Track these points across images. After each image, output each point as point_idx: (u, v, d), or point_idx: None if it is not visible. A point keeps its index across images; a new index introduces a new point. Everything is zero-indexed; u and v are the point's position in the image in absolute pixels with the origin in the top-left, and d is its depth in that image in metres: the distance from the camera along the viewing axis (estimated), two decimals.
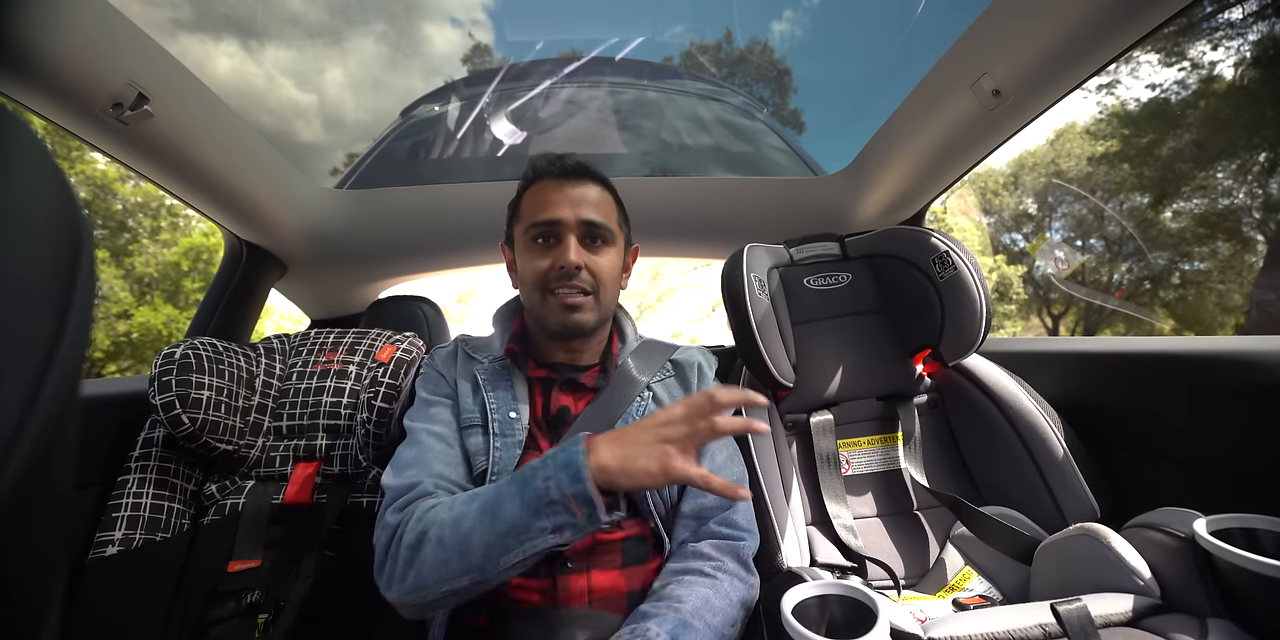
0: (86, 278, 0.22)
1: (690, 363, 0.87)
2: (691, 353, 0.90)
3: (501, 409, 0.75)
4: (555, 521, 0.54)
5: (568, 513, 0.54)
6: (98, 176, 9.65)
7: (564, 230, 0.75)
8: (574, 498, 0.54)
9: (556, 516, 0.54)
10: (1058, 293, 13.16)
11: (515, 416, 0.75)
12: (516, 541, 0.55)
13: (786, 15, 33.96)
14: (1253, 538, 0.55)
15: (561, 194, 0.76)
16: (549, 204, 0.76)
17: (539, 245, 0.76)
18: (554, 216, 0.75)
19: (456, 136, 1.99)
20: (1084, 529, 0.65)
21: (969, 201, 14.13)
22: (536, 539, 0.55)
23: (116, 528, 0.81)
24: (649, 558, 0.72)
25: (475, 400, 0.77)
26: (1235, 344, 0.74)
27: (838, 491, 0.92)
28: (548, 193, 0.76)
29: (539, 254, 0.76)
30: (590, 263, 0.76)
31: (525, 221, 0.77)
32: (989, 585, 0.80)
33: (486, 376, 0.79)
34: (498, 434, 0.73)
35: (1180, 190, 10.96)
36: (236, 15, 22.52)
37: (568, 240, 0.75)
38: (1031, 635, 0.53)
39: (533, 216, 0.76)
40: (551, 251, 0.76)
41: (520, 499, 0.56)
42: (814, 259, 1.10)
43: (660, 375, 0.85)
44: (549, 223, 0.75)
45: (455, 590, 0.57)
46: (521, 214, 0.79)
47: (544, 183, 0.78)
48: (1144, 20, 0.75)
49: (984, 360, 0.98)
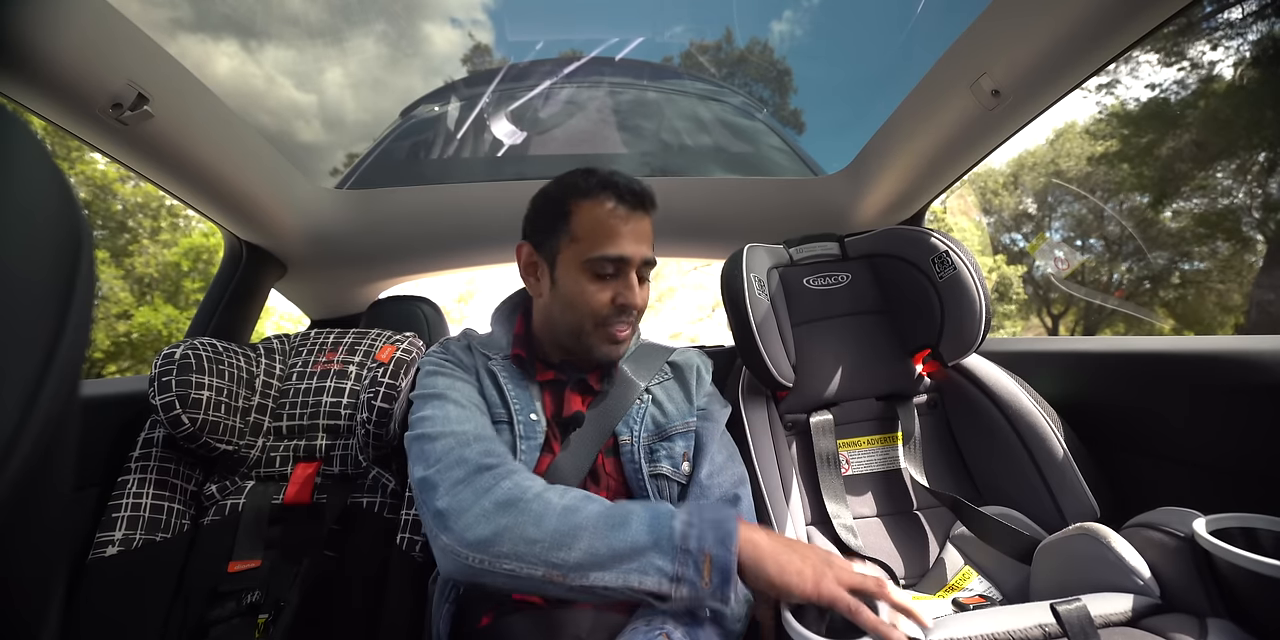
0: (86, 278, 0.22)
1: (689, 365, 0.88)
2: (689, 355, 0.90)
3: (524, 410, 0.75)
4: (678, 571, 0.50)
5: (697, 572, 0.50)
6: (98, 176, 9.64)
7: (629, 267, 0.73)
8: (712, 560, 0.50)
9: (683, 568, 0.50)
10: (1057, 293, 13.16)
11: (536, 418, 0.75)
12: (622, 565, 0.51)
13: (786, 15, 34.04)
14: (1252, 537, 0.55)
15: (630, 227, 0.72)
16: (619, 237, 0.71)
17: (599, 275, 0.73)
18: (625, 253, 0.71)
19: (456, 137, 1.99)
20: (1084, 529, 0.65)
21: (969, 201, 14.13)
22: (647, 576, 0.50)
23: (116, 528, 0.81)
24: None
25: (499, 397, 0.76)
26: (1235, 344, 0.74)
27: (837, 491, 0.92)
28: (616, 222, 0.72)
29: (599, 286, 0.73)
30: (641, 301, 0.76)
31: (586, 247, 0.72)
32: (989, 585, 0.80)
33: (505, 374, 0.78)
34: (523, 436, 0.73)
35: (1180, 190, 10.96)
36: (236, 15, 22.55)
37: (631, 278, 0.73)
38: (1031, 635, 0.53)
39: (598, 246, 0.71)
40: (611, 285, 0.73)
41: (649, 528, 0.53)
42: (814, 259, 1.10)
43: (659, 377, 0.85)
44: (619, 260, 0.72)
45: (517, 575, 0.52)
46: (578, 234, 0.72)
47: (611, 207, 0.72)
48: (1144, 20, 0.75)
49: (984, 360, 0.98)
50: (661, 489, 0.76)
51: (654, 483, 0.75)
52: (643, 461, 0.76)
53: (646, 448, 0.77)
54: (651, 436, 0.78)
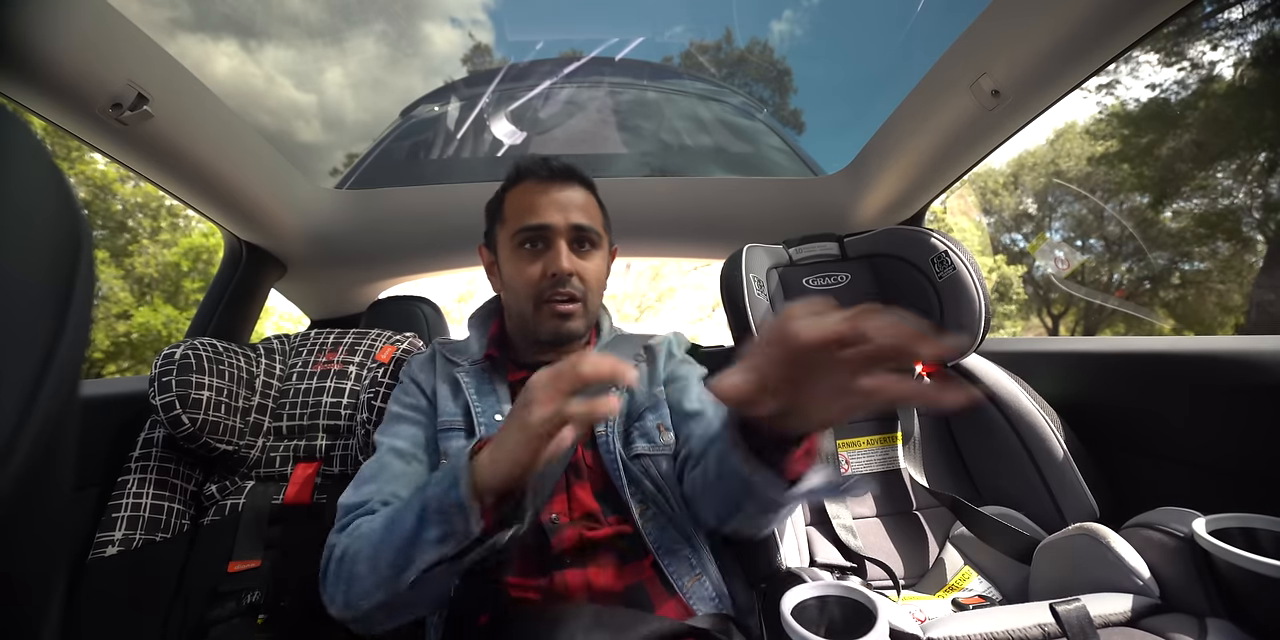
0: (86, 278, 0.22)
1: (660, 346, 0.86)
2: (662, 337, 0.89)
3: (488, 412, 0.74)
4: (440, 531, 0.51)
5: (448, 522, 0.50)
6: (97, 177, 9.65)
7: (554, 235, 0.73)
8: (454, 505, 0.50)
9: (441, 526, 0.51)
10: (1058, 293, 13.16)
11: (500, 419, 0.73)
12: (409, 556, 0.52)
13: (786, 15, 34.04)
14: (1252, 537, 0.55)
15: (549, 197, 0.74)
16: (537, 207, 0.74)
17: (527, 251, 0.74)
18: (544, 221, 0.73)
19: (456, 137, 1.99)
20: (1083, 529, 0.65)
21: (969, 201, 14.13)
22: (427, 552, 0.51)
23: (116, 528, 0.81)
24: (643, 554, 0.71)
25: (457, 403, 0.76)
26: (1235, 344, 0.74)
27: None
28: (534, 195, 0.75)
29: (528, 260, 0.74)
30: (580, 268, 0.75)
31: (511, 225, 0.75)
32: (988, 585, 0.80)
33: (469, 378, 0.78)
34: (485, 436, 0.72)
35: (1180, 190, 10.96)
36: (236, 15, 22.54)
37: (559, 246, 0.73)
38: (1031, 635, 0.53)
39: (520, 220, 0.74)
40: (541, 257, 0.74)
41: (413, 511, 0.53)
42: (813, 259, 1.10)
43: (635, 361, 0.83)
44: (539, 228, 0.73)
45: (381, 605, 0.55)
46: (506, 217, 0.76)
47: (529, 185, 0.76)
48: (1144, 20, 0.75)
49: (983, 360, 0.98)
50: (647, 468, 0.74)
51: (636, 464, 0.74)
52: (619, 449, 0.74)
53: (621, 434, 0.76)
54: (625, 420, 0.78)
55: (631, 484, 0.72)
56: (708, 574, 0.71)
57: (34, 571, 0.21)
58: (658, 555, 0.70)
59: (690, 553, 0.72)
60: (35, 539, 0.20)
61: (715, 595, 0.70)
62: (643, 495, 0.72)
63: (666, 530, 0.72)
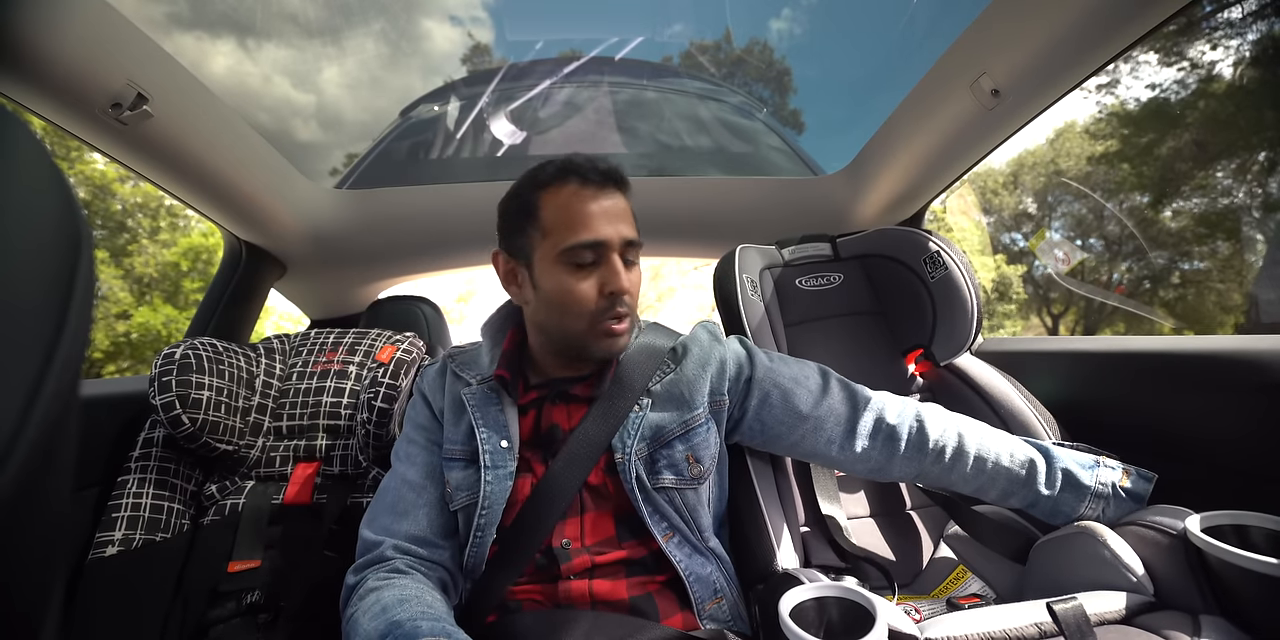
0: (86, 278, 0.22)
1: (694, 344, 0.78)
2: (696, 333, 0.81)
3: (492, 440, 0.70)
4: None
5: None
6: (97, 176, 9.63)
7: (608, 251, 0.67)
8: None
9: None
10: (1057, 292, 13.16)
11: (506, 445, 0.70)
12: None
13: (785, 15, 33.98)
14: (1244, 534, 0.55)
15: (600, 206, 0.67)
16: (590, 220, 0.66)
17: (576, 266, 0.67)
18: (600, 237, 0.65)
19: (456, 136, 1.99)
20: (1078, 527, 0.65)
21: (969, 201, 14.10)
22: None
23: (116, 528, 0.81)
24: (653, 572, 0.70)
25: (460, 428, 0.72)
26: (1235, 344, 0.74)
27: (831, 492, 0.92)
28: (583, 203, 0.66)
29: (579, 277, 0.66)
30: (631, 285, 0.69)
31: (557, 238, 0.66)
32: (983, 584, 0.80)
33: (475, 401, 0.73)
34: (489, 466, 0.69)
35: (1180, 190, 10.96)
36: (234, 12, 22.43)
37: (613, 262, 0.67)
38: (1027, 634, 0.53)
39: (572, 234, 0.65)
40: (593, 274, 0.67)
41: None
42: (806, 260, 1.11)
43: (660, 374, 0.76)
44: (595, 245, 0.65)
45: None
46: (548, 227, 0.67)
47: (575, 189, 0.67)
48: (1144, 20, 0.75)
49: (976, 360, 0.98)
50: (672, 499, 0.70)
51: (661, 495, 0.70)
52: (643, 476, 0.70)
53: (645, 461, 0.71)
54: (649, 445, 0.71)
55: (655, 513, 0.69)
56: (728, 597, 0.71)
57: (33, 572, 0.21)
58: (687, 580, 0.69)
59: (718, 577, 0.71)
60: (35, 540, 0.21)
61: (731, 617, 0.70)
62: (668, 524, 0.70)
63: (694, 558, 0.71)
